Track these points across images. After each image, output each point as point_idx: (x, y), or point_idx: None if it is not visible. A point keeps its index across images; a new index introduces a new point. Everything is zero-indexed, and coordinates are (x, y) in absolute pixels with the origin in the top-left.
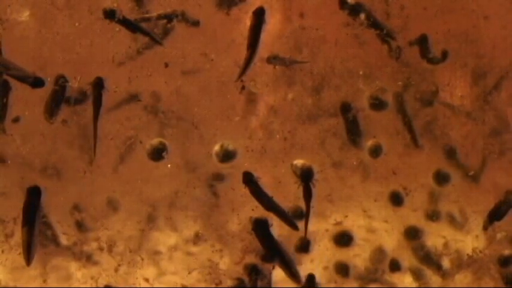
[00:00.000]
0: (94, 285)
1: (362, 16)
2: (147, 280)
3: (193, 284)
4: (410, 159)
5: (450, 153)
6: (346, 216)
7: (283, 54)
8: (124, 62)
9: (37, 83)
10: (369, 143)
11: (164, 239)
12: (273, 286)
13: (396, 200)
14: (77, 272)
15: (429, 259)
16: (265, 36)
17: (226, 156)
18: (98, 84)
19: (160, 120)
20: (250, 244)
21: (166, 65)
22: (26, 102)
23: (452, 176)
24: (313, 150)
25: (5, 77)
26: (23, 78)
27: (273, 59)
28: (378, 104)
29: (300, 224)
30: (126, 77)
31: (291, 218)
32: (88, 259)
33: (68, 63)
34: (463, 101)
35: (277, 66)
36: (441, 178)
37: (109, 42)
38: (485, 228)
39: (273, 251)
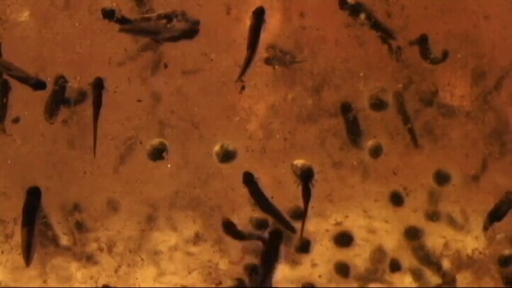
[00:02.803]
0: (94, 286)
1: (362, 16)
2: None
3: (193, 284)
4: (411, 159)
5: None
6: (347, 217)
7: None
8: (124, 62)
9: (39, 85)
10: (369, 143)
11: (164, 239)
12: (273, 286)
13: (396, 200)
14: (77, 272)
15: (429, 259)
16: (265, 36)
17: (226, 156)
18: (98, 84)
19: (160, 120)
20: (250, 244)
21: (166, 65)
22: (26, 102)
23: (453, 176)
24: (313, 150)
25: (5, 77)
26: (24, 80)
27: (272, 59)
28: (378, 104)
29: (299, 225)
30: (126, 77)
31: (288, 221)
32: (88, 259)
33: (68, 63)
34: (463, 101)
35: (277, 66)
36: (441, 178)
37: (109, 42)
38: (485, 228)
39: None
